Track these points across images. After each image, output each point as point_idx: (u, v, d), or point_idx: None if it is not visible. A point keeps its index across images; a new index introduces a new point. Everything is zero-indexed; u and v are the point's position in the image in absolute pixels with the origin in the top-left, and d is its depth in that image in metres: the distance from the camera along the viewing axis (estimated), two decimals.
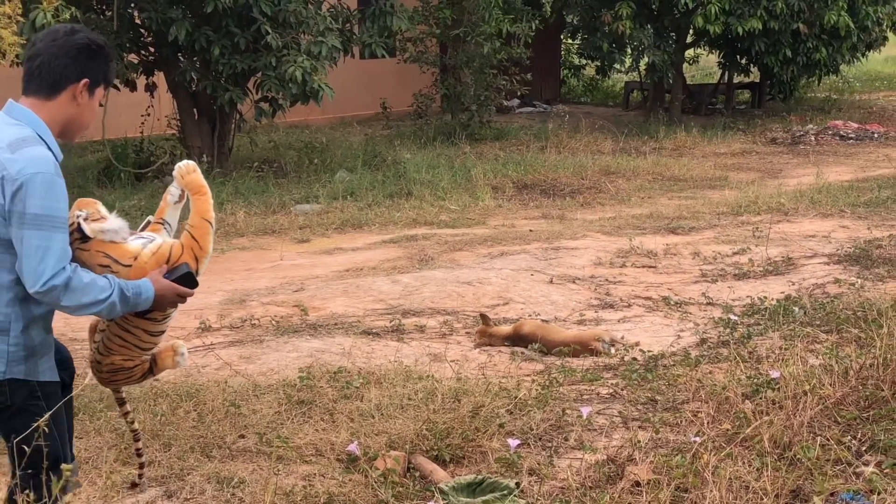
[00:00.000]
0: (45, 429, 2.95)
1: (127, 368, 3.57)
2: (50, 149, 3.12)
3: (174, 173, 3.52)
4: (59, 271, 3.02)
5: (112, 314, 3.23)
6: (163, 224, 3.55)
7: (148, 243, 3.36)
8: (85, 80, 3.17)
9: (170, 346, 3.67)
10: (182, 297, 3.38)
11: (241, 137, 14.88)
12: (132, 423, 4.00)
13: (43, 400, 3.17)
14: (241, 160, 14.33)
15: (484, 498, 3.96)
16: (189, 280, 3.37)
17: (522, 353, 6.22)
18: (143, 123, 13.75)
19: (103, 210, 3.37)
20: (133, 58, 12.78)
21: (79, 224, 3.23)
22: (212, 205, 3.51)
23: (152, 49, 13.11)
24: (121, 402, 3.93)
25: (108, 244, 3.27)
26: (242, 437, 4.71)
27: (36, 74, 3.13)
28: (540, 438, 4.71)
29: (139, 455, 4.03)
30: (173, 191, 3.56)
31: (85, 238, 3.23)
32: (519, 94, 19.36)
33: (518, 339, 6.39)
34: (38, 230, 3.00)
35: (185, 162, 3.56)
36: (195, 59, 12.65)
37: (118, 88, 12.09)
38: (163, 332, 3.60)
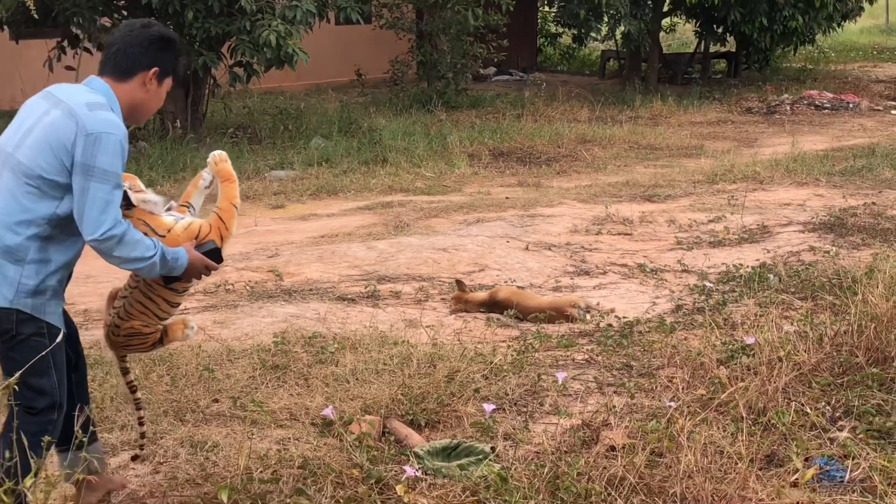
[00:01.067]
0: (44, 368, 3.22)
1: (143, 334, 3.75)
2: None
3: (208, 160, 3.77)
4: (118, 223, 3.25)
5: (150, 273, 3.43)
6: (188, 207, 3.76)
7: (180, 219, 3.62)
8: (155, 69, 3.47)
9: (180, 319, 3.89)
10: (208, 270, 3.61)
11: (215, 103, 14.74)
12: (135, 391, 4.00)
13: (48, 340, 3.29)
14: (215, 126, 14.20)
15: (459, 462, 3.96)
16: (216, 255, 3.63)
17: (498, 319, 6.21)
18: None
19: (142, 185, 3.62)
20: (106, 21, 12.59)
21: (125, 192, 3.43)
22: (238, 192, 3.77)
23: (125, 12, 12.93)
24: (125, 371, 3.97)
25: (147, 214, 3.52)
26: (216, 401, 4.69)
27: (111, 59, 3.44)
28: (515, 403, 4.71)
29: (141, 424, 4.01)
30: (206, 176, 3.78)
31: (129, 205, 3.45)
32: (495, 61, 19.27)
33: (493, 306, 6.37)
34: (104, 184, 3.23)
35: (217, 151, 3.81)
36: (168, 22, 12.48)
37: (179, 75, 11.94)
38: (179, 304, 3.83)
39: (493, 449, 4.08)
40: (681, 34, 27.80)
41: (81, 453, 3.33)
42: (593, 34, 24.72)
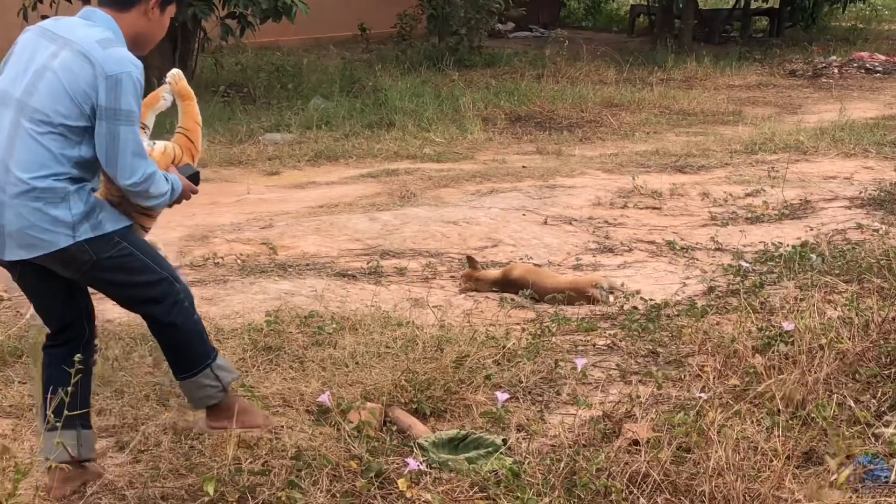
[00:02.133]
0: (140, 265, 3.65)
1: None
2: None
3: (167, 80, 4.05)
4: (150, 163, 3.55)
5: (164, 205, 3.70)
6: (144, 128, 3.89)
7: (152, 144, 3.83)
8: None
9: None
10: (192, 193, 3.87)
11: (206, 58, 14.71)
12: None
13: (124, 241, 3.63)
14: (204, 84, 14.17)
15: (467, 455, 3.96)
16: (196, 178, 3.91)
17: (512, 299, 6.21)
18: None
19: None
20: None
21: None
22: (198, 109, 4.08)
23: None
24: None
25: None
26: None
27: None
28: (530, 392, 4.72)
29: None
30: (167, 97, 4.04)
31: None
32: (514, 16, 19.18)
33: (507, 285, 6.37)
34: (132, 125, 3.47)
35: (174, 70, 4.11)
36: None
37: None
38: (149, 230, 3.99)
39: (504, 441, 4.08)
40: None
41: (55, 439, 3.40)
42: None
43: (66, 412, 3.54)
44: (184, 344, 3.83)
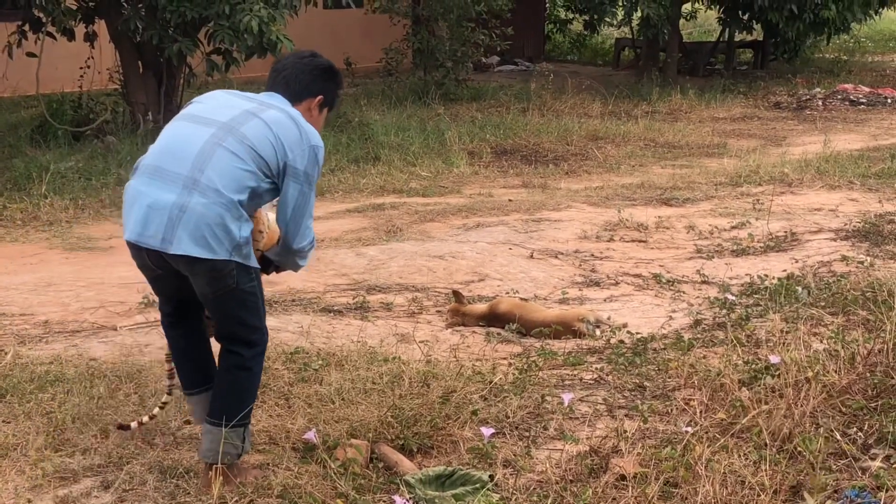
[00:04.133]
0: (259, 309, 4.02)
1: None
2: None
3: None
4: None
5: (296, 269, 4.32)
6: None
7: (268, 215, 4.21)
8: (320, 97, 4.17)
9: None
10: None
11: (191, 94, 14.66)
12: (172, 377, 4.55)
13: (257, 283, 3.99)
14: None
15: (454, 491, 3.96)
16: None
17: (499, 333, 6.21)
18: (81, 77, 13.56)
19: None
20: (71, 3, 12.61)
21: None
22: None
23: None
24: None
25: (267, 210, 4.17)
26: (188, 422, 4.68)
27: (283, 83, 4.12)
28: (517, 427, 4.71)
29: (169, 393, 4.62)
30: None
31: None
32: (499, 50, 19.29)
33: (494, 319, 6.38)
34: (314, 194, 4.00)
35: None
36: (140, 5, 12.50)
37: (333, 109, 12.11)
38: None
39: (491, 477, 4.08)
40: (703, 21, 27.85)
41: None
42: (607, 19, 24.78)
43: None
44: (245, 393, 4.03)
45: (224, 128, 3.87)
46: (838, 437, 4.21)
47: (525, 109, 16.04)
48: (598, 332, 6.17)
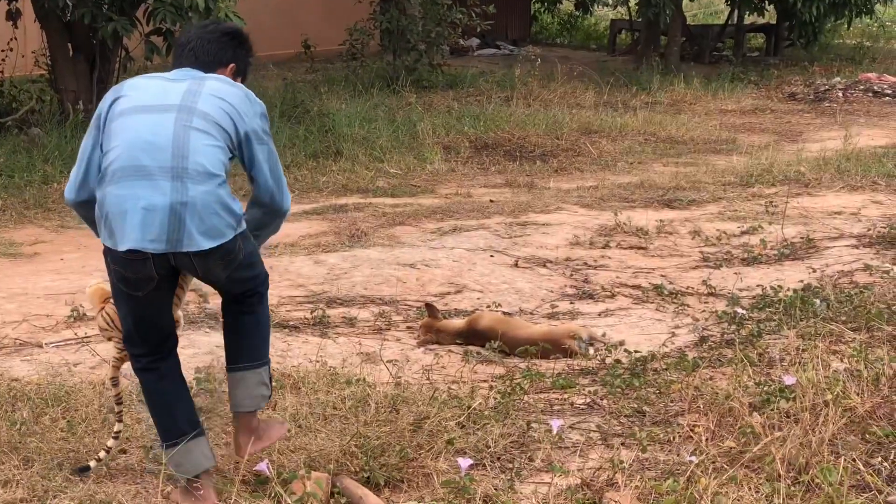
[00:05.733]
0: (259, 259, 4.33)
1: (176, 321, 4.44)
2: None
3: None
4: None
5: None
6: None
7: None
8: (232, 65, 4.36)
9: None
10: None
11: (128, 79, 14.66)
12: (120, 403, 4.64)
13: (251, 237, 4.25)
14: None
15: None
16: None
17: (478, 352, 6.21)
18: (3, 61, 13.52)
19: None
20: None
21: None
22: None
23: None
24: (115, 383, 4.61)
25: None
26: (124, 451, 4.67)
27: (190, 55, 4.30)
28: (498, 458, 4.71)
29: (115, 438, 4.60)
30: None
31: None
32: (479, 31, 19.34)
33: (473, 336, 6.38)
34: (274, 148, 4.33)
35: None
36: None
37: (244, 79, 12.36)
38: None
39: None
40: (709, 1, 28.02)
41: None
42: None
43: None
44: (267, 328, 4.40)
45: (183, 109, 4.03)
46: (860, 467, 4.23)
47: (508, 99, 16.08)
48: (591, 350, 6.18)
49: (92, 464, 4.51)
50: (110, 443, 4.60)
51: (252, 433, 4.31)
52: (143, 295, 4.15)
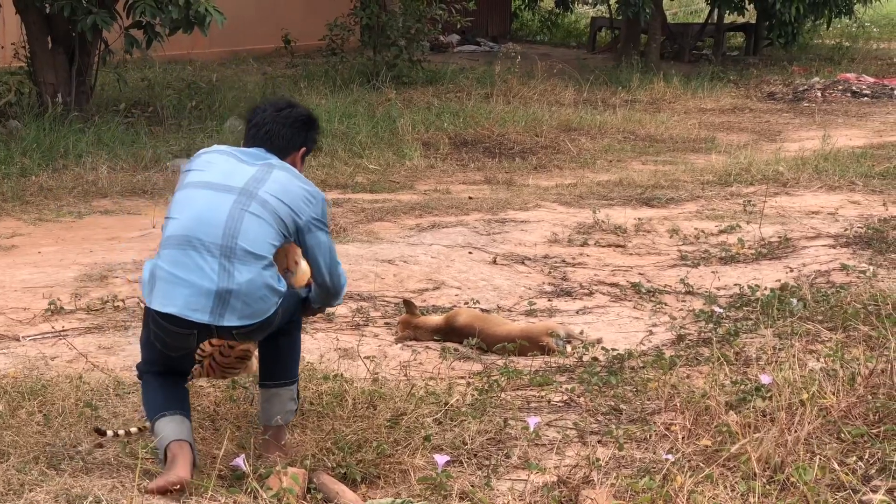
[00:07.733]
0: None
1: (248, 357, 4.86)
2: None
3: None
4: None
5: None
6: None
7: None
8: (303, 149, 4.70)
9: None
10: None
11: (107, 73, 14.64)
12: None
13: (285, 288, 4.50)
14: (105, 102, 14.11)
15: None
16: None
17: (456, 349, 6.22)
18: None
19: None
20: None
21: None
22: None
23: None
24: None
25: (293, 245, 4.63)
26: (100, 446, 4.66)
27: (265, 138, 4.60)
28: (475, 455, 4.71)
29: None
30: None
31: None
32: (459, 28, 19.33)
33: (451, 333, 6.38)
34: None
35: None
36: None
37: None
38: None
39: None
40: (689, 0, 28.06)
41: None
42: None
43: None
44: (299, 350, 4.71)
45: (244, 193, 4.37)
46: (836, 466, 4.24)
47: (488, 95, 16.07)
48: (568, 348, 6.19)
49: (109, 433, 4.76)
50: (133, 428, 4.84)
51: (279, 449, 4.56)
52: (176, 355, 4.56)
